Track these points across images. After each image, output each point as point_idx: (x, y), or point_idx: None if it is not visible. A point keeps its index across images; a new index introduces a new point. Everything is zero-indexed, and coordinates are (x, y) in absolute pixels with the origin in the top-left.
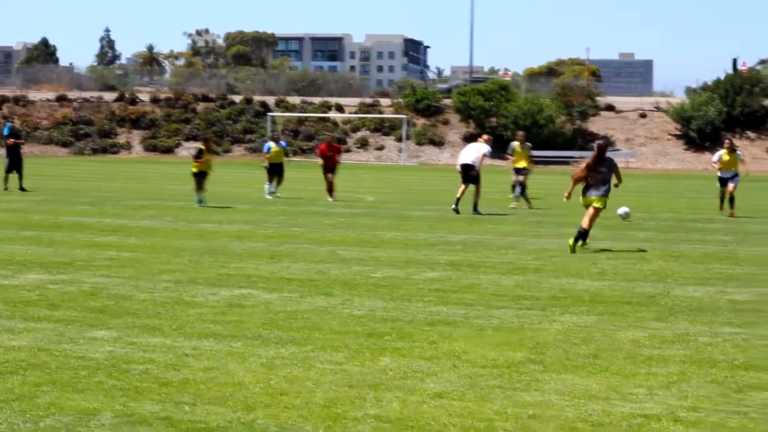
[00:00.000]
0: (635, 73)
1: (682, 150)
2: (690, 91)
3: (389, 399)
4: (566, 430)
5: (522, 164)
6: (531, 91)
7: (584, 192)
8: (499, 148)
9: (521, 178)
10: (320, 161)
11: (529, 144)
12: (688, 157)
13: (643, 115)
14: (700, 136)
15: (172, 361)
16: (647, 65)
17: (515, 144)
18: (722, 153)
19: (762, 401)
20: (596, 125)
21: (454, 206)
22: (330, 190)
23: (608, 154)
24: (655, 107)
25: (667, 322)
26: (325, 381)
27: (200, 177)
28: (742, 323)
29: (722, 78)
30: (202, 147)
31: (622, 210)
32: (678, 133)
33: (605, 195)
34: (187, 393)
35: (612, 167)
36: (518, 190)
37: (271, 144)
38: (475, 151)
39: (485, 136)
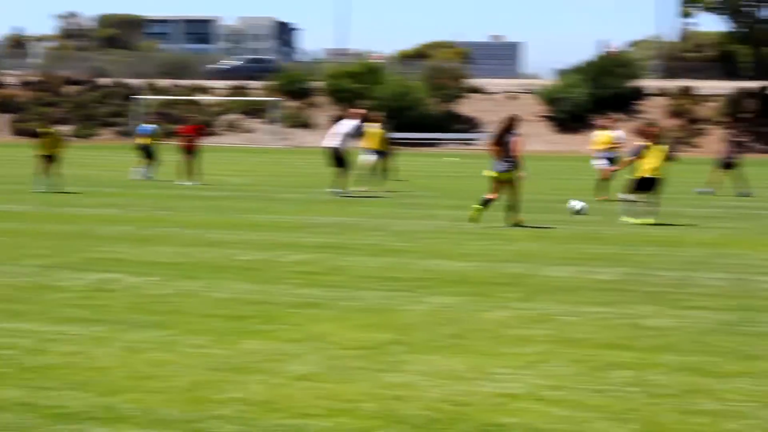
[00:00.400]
0: (505, 55)
1: (551, 131)
2: (559, 73)
3: (253, 382)
4: (430, 410)
5: (378, 146)
6: (401, 74)
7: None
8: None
9: (377, 160)
10: (181, 143)
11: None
12: (556, 139)
13: (512, 97)
14: (569, 117)
15: (34, 346)
16: (517, 47)
17: (371, 125)
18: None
19: (623, 379)
20: (466, 107)
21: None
22: (190, 172)
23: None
24: (523, 89)
25: (532, 302)
26: (189, 364)
27: (46, 160)
28: (606, 302)
29: (591, 60)
30: (44, 130)
31: (577, 205)
32: (547, 114)
33: (508, 170)
34: (50, 378)
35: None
36: (369, 172)
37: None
38: (338, 133)
39: (358, 110)
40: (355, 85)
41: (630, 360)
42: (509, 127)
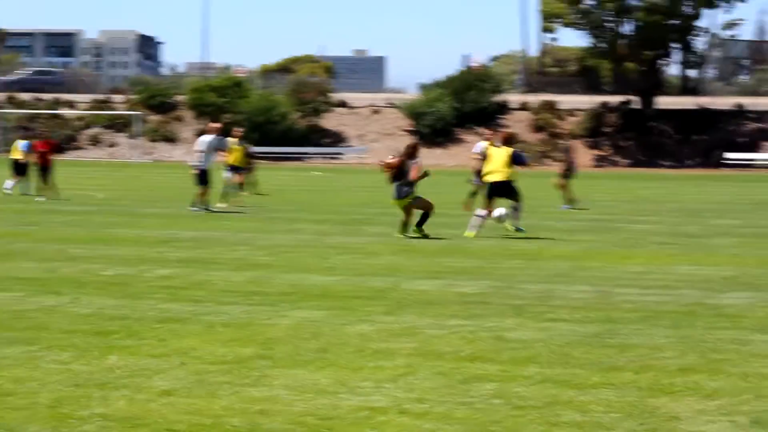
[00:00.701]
0: (369, 70)
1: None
2: (423, 87)
3: (116, 397)
4: (294, 424)
5: (238, 162)
6: (266, 88)
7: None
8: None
9: (238, 176)
10: (33, 159)
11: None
12: (420, 153)
13: (376, 111)
14: (432, 131)
15: None
16: (381, 62)
17: (231, 140)
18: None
19: (486, 392)
20: (330, 121)
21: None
22: (46, 188)
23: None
24: (387, 103)
25: (396, 316)
26: (52, 381)
27: None
28: (469, 315)
29: (454, 74)
30: None
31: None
32: (410, 128)
33: (406, 196)
34: None
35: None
36: (231, 188)
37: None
38: (198, 150)
39: (215, 125)
40: (218, 99)
41: (494, 372)
42: (411, 153)
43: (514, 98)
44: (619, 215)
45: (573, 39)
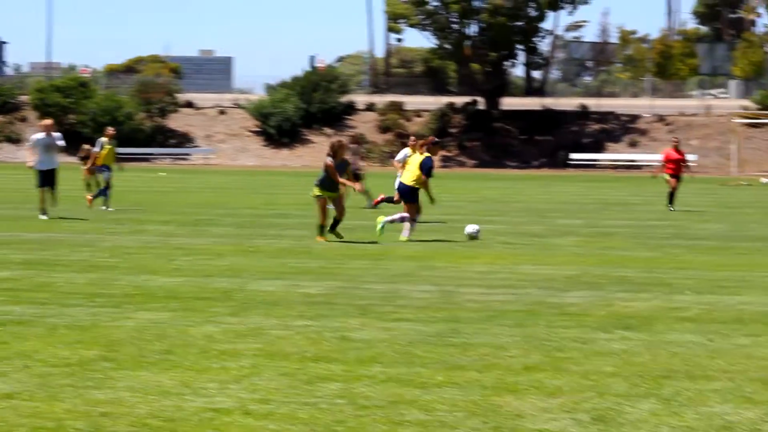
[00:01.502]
0: (216, 70)
1: (261, 146)
2: (269, 88)
3: None
4: (137, 426)
5: (109, 161)
6: (111, 88)
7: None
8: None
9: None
10: None
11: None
12: (266, 153)
13: (222, 112)
14: (279, 132)
15: None
16: (227, 62)
17: (103, 140)
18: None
19: (331, 392)
20: (176, 122)
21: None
22: None
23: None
24: (234, 104)
25: (241, 317)
26: None
27: None
28: (314, 316)
29: (300, 75)
30: None
31: (471, 229)
32: (257, 129)
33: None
34: None
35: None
36: (103, 190)
37: None
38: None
39: (46, 123)
40: (63, 100)
41: (338, 372)
42: (334, 153)
43: (360, 99)
44: (465, 215)
45: (419, 40)
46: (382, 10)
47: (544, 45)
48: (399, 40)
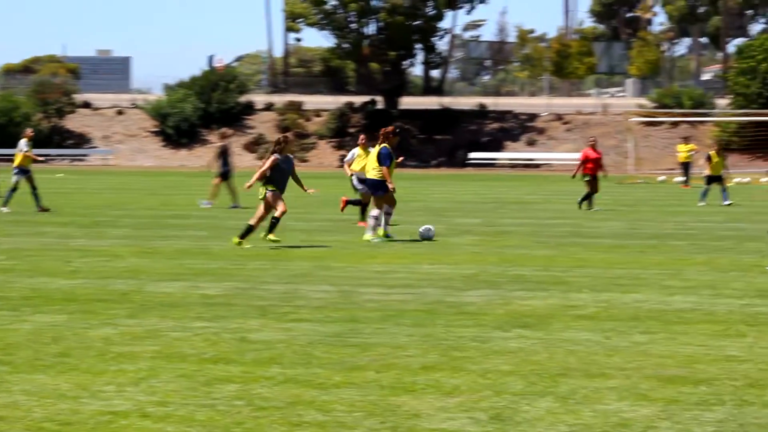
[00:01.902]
0: (113, 70)
1: (160, 147)
2: (167, 88)
3: None
4: (33, 430)
5: (26, 164)
6: (7, 88)
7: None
8: None
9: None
10: None
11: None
12: (165, 154)
13: (120, 112)
14: (177, 132)
15: None
16: (125, 62)
17: (23, 141)
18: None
19: (229, 393)
20: (73, 122)
21: None
22: None
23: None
24: (132, 104)
25: (139, 318)
26: None
27: None
28: (213, 317)
29: (199, 75)
30: None
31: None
32: (155, 129)
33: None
34: None
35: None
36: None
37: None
38: None
39: None
40: None
41: (236, 374)
42: (278, 149)
43: (259, 98)
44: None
45: (318, 39)
46: (281, 9)
47: (442, 44)
48: (297, 39)
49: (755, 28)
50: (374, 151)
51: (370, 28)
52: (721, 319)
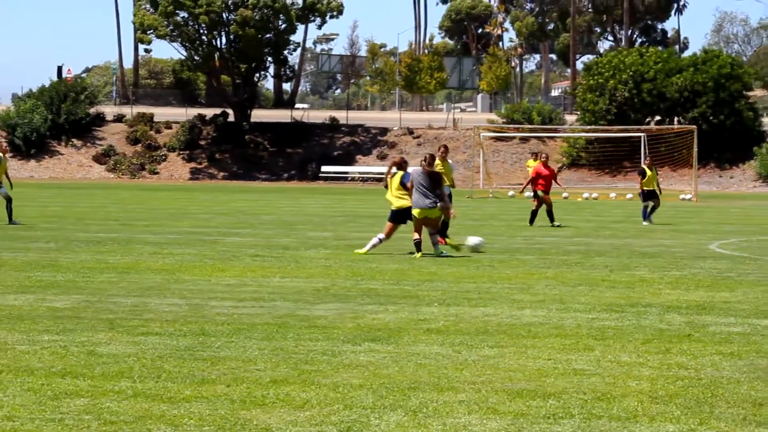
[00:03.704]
0: None
1: (8, 157)
2: (16, 99)
3: None
4: None
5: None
6: None
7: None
8: None
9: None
10: None
11: None
12: (13, 165)
13: None
14: (26, 143)
15: None
16: None
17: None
18: None
19: (77, 407)
20: None
21: None
22: None
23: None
24: None
25: None
26: None
27: None
28: (61, 330)
29: (47, 85)
30: None
31: (474, 241)
32: (4, 140)
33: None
34: None
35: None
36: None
37: None
38: None
39: None
40: None
41: (85, 388)
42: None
43: (109, 110)
44: (215, 228)
45: (170, 51)
46: (131, 21)
47: (293, 57)
48: (147, 51)
49: (603, 45)
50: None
51: (222, 41)
52: (569, 332)
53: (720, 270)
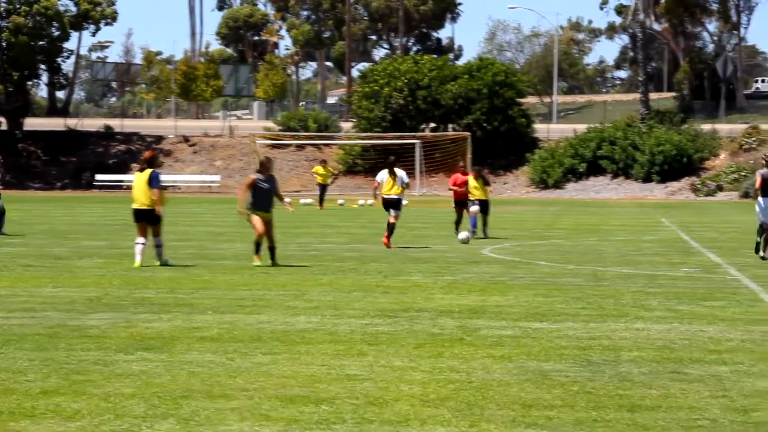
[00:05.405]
0: None
1: None
2: None
3: None
4: None
5: None
6: None
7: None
8: None
9: None
10: None
11: None
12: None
13: None
14: None
15: None
16: None
17: None
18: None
19: None
20: None
21: None
22: None
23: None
24: None
25: None
26: None
27: None
28: None
29: None
30: None
31: (462, 235)
32: None
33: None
34: None
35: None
36: None
37: None
38: None
39: None
40: None
41: None
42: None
43: None
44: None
45: None
46: None
47: (67, 65)
48: None
49: (379, 53)
50: (143, 175)
51: None
52: (343, 338)
53: (492, 274)
